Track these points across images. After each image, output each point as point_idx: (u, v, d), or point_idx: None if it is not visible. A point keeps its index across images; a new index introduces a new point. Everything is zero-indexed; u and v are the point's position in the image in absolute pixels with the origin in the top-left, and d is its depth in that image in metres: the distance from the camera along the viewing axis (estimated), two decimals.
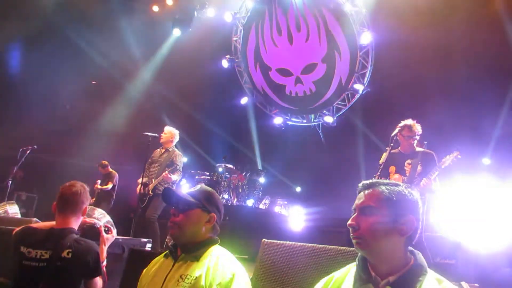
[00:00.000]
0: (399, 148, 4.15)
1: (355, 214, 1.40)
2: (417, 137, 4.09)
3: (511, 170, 5.44)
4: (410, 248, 1.37)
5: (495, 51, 6.18)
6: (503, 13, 5.98)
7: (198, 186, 1.94)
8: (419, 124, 4.12)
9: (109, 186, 7.89)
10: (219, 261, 1.70)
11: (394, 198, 1.36)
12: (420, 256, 1.36)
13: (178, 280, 1.66)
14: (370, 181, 1.45)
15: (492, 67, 6.29)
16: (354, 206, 1.44)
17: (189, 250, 1.77)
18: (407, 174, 3.96)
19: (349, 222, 1.39)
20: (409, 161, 4.02)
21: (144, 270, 1.91)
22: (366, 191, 1.42)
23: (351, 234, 1.38)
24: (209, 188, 1.96)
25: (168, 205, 1.87)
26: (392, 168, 4.04)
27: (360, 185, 1.47)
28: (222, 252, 1.78)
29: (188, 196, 1.85)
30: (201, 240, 1.80)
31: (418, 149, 4.09)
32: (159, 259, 1.90)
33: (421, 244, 3.60)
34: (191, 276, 1.65)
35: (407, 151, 4.10)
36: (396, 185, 1.41)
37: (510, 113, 6.04)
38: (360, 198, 1.42)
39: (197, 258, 1.72)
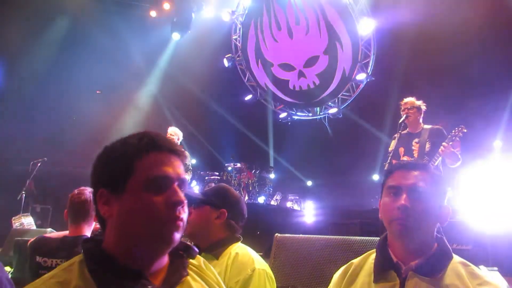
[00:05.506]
0: (408, 129, 4.05)
1: (404, 195, 1.27)
2: (422, 114, 3.98)
3: None
4: (435, 233, 1.33)
5: (502, 33, 6.08)
6: None
7: (213, 185, 1.94)
8: (421, 101, 4.05)
9: None
10: (238, 258, 1.66)
11: (441, 183, 1.33)
12: (444, 241, 1.31)
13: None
14: (417, 161, 1.39)
15: (499, 49, 6.20)
16: (396, 184, 1.31)
17: (206, 249, 1.74)
18: (415, 155, 3.84)
19: (403, 203, 1.25)
20: (416, 140, 3.90)
21: None
22: (415, 171, 1.32)
23: (398, 216, 1.25)
24: (223, 185, 1.92)
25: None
26: (401, 150, 3.96)
27: (404, 163, 1.37)
28: (242, 249, 1.74)
29: (197, 193, 1.84)
30: (218, 239, 1.76)
31: (425, 126, 3.96)
32: None
33: (439, 231, 3.51)
34: None
35: (414, 130, 3.98)
36: (439, 170, 1.38)
37: None
38: (407, 177, 1.30)
39: (216, 256, 1.70)
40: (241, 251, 1.71)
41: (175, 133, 5.70)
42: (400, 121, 3.96)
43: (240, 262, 1.64)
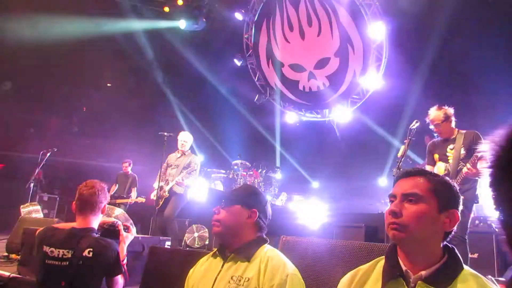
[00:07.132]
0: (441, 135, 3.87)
1: (396, 201, 1.30)
2: (452, 119, 3.76)
3: None
4: (445, 243, 1.29)
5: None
6: None
7: (241, 184, 1.94)
8: (445, 108, 3.77)
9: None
10: (271, 262, 1.64)
11: (441, 189, 1.29)
12: (455, 251, 1.28)
13: (229, 282, 1.62)
14: (415, 168, 1.36)
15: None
16: (393, 193, 1.34)
17: (238, 250, 1.72)
18: (450, 161, 3.70)
19: (391, 208, 1.28)
20: (451, 146, 3.73)
21: (191, 270, 1.86)
22: (411, 178, 1.32)
23: (390, 221, 1.27)
24: (251, 185, 2.01)
25: (212, 205, 1.85)
26: (436, 156, 3.83)
27: (402, 172, 1.37)
28: (273, 252, 1.72)
29: (228, 192, 1.87)
30: (249, 240, 1.74)
31: (461, 131, 3.76)
32: (207, 258, 1.85)
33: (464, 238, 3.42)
34: (243, 278, 1.61)
35: (449, 136, 3.79)
36: (441, 176, 1.33)
37: None
38: (402, 185, 1.32)
39: (248, 259, 1.67)
40: (272, 254, 1.69)
41: (188, 139, 5.74)
42: (411, 126, 3.84)
43: (274, 266, 1.62)
